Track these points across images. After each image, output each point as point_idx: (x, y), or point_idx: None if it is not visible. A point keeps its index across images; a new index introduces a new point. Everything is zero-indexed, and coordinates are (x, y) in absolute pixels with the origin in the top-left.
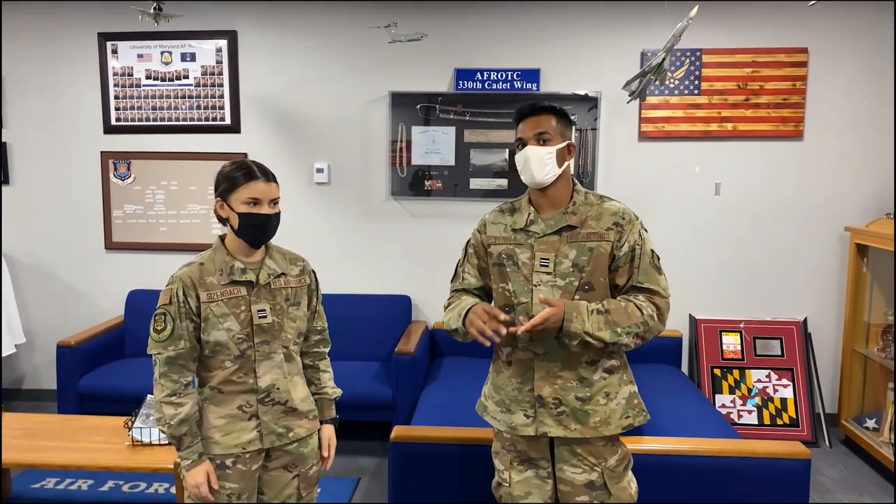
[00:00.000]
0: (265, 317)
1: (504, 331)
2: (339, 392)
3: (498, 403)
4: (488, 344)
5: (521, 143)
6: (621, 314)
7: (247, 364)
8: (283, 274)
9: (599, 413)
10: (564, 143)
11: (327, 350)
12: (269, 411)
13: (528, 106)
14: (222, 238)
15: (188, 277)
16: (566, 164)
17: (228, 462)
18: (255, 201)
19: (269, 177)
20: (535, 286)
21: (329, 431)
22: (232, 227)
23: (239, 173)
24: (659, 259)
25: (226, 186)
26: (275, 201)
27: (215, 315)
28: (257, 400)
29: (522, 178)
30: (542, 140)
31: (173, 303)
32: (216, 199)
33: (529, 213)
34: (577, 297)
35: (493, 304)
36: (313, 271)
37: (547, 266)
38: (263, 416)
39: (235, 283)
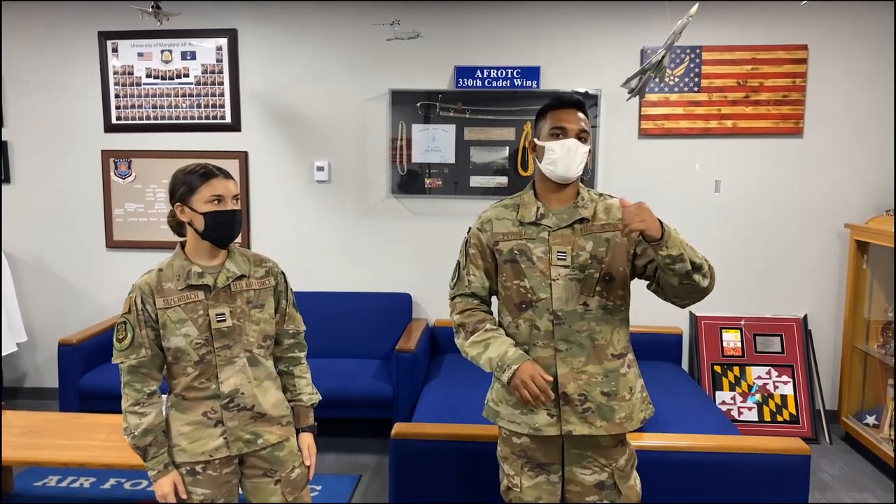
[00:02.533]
0: (224, 320)
1: (549, 400)
2: (316, 398)
3: (516, 406)
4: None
5: (562, 133)
6: (692, 246)
7: (208, 369)
8: (243, 276)
9: (625, 409)
10: (590, 143)
11: (303, 354)
12: (234, 417)
13: (570, 97)
14: (182, 244)
15: (146, 285)
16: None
17: (199, 468)
18: (219, 198)
19: (227, 174)
20: (554, 280)
21: (307, 440)
22: (196, 230)
23: (196, 174)
24: None
25: (185, 190)
26: (236, 198)
27: (172, 321)
28: (221, 406)
29: (551, 168)
30: (581, 138)
31: (132, 311)
32: (175, 206)
33: (538, 207)
34: (598, 288)
35: (501, 302)
36: (282, 273)
37: (564, 259)
38: (229, 423)
39: (192, 287)
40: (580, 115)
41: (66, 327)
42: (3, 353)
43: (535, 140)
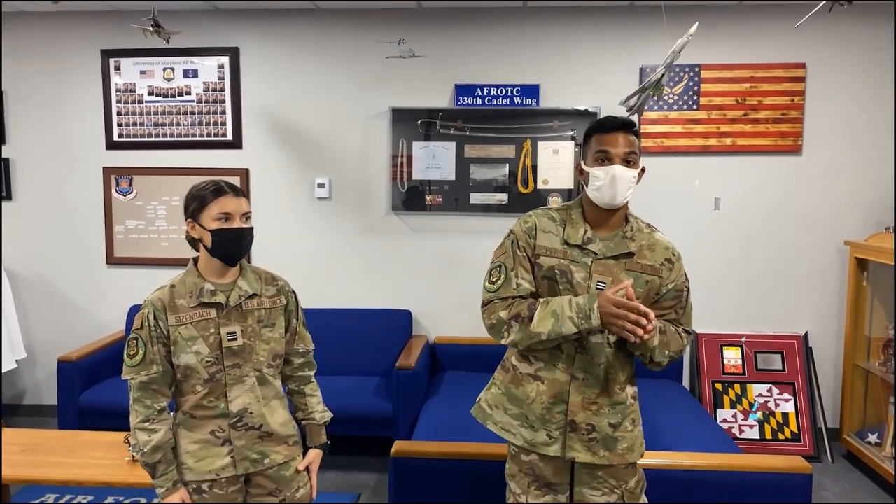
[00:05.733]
0: (235, 339)
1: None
2: (328, 416)
3: (516, 417)
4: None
5: (606, 158)
6: (672, 338)
7: (217, 388)
8: (255, 295)
9: (627, 440)
10: (640, 167)
11: (313, 373)
12: (242, 436)
13: (618, 120)
14: (195, 260)
15: (159, 301)
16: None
17: (205, 486)
18: (227, 216)
19: (238, 192)
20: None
21: (314, 455)
22: (205, 247)
23: (207, 191)
24: None
25: (196, 206)
26: (246, 216)
27: (184, 338)
28: (229, 425)
29: (597, 195)
30: (628, 161)
31: (144, 327)
32: (187, 222)
33: (586, 231)
34: None
35: None
36: (293, 292)
37: (603, 290)
38: (236, 442)
39: (205, 305)
40: (628, 137)
41: (66, 344)
42: (3, 370)
43: (582, 163)
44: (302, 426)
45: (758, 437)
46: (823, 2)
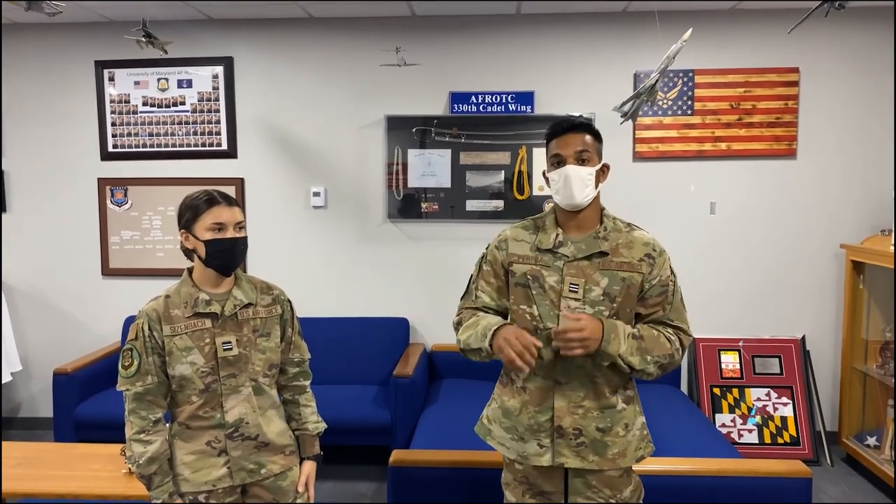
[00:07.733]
0: (230, 349)
1: (535, 360)
2: (321, 427)
3: (508, 430)
4: (524, 370)
5: (558, 161)
6: (653, 342)
7: (213, 398)
8: (250, 304)
9: (618, 445)
10: (601, 164)
11: (308, 383)
12: (238, 447)
13: (567, 122)
14: (190, 271)
15: (153, 311)
16: (600, 185)
17: (201, 498)
18: (220, 226)
19: (231, 202)
20: (562, 311)
21: (308, 468)
22: (199, 257)
23: (200, 201)
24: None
25: (189, 216)
26: (240, 225)
27: (179, 349)
28: (225, 435)
29: (558, 197)
30: (581, 159)
31: (139, 338)
32: (181, 233)
33: (558, 234)
34: None
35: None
36: (288, 301)
37: (576, 292)
38: (233, 452)
39: (199, 315)
40: (580, 136)
41: (62, 356)
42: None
43: (544, 170)
44: (295, 436)
45: (757, 442)
46: (817, 7)
